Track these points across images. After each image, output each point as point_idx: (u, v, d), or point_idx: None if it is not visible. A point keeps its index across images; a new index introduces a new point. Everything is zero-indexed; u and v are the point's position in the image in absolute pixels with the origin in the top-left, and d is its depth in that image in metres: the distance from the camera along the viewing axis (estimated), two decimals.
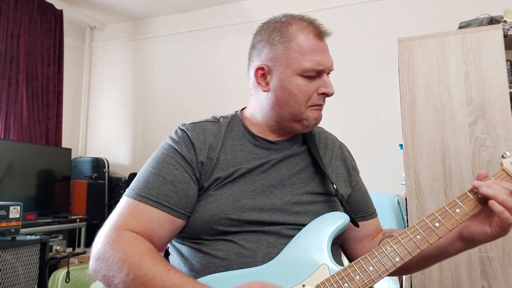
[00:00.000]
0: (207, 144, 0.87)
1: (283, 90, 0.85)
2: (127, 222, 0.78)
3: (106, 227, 0.78)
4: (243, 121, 0.94)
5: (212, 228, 0.81)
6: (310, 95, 0.85)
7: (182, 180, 0.82)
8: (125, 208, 0.80)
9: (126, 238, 0.75)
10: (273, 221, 0.82)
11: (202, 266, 0.80)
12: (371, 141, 2.90)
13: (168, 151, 0.86)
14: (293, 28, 0.85)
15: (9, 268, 1.97)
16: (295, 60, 0.83)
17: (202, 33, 3.66)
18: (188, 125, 0.91)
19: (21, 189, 2.92)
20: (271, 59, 0.86)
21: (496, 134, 1.56)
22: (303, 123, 0.88)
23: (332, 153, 0.98)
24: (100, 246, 0.75)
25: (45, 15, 3.48)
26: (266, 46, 0.87)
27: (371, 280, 0.74)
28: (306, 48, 0.83)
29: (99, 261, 0.74)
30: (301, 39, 0.84)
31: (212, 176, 0.84)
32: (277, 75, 0.85)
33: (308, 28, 0.85)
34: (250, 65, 0.92)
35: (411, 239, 0.76)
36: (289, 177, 0.88)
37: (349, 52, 3.01)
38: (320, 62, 0.84)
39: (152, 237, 0.78)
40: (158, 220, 0.79)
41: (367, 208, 1.01)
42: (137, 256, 0.72)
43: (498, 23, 1.74)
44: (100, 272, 0.74)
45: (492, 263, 1.50)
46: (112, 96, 3.96)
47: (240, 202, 0.82)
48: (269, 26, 0.89)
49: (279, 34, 0.85)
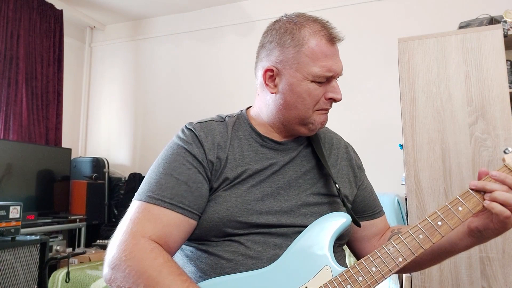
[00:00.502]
0: (216, 143, 0.85)
1: (292, 93, 0.84)
2: (143, 228, 0.74)
3: (120, 234, 0.75)
4: (249, 120, 0.93)
5: (220, 229, 0.80)
6: (318, 100, 0.84)
7: (196, 180, 0.81)
8: (139, 213, 0.76)
9: (143, 248, 0.71)
10: (280, 224, 0.82)
11: (208, 267, 0.80)
12: (371, 141, 2.90)
13: (178, 151, 0.84)
14: (306, 31, 0.83)
15: (8, 268, 1.96)
16: (305, 65, 0.82)
17: (202, 33, 3.66)
18: (195, 125, 0.89)
19: (21, 189, 2.92)
20: (281, 61, 0.84)
21: (496, 134, 1.56)
22: (309, 127, 0.87)
23: (337, 154, 0.97)
24: (115, 255, 0.72)
25: (45, 15, 3.47)
26: (276, 47, 0.85)
27: (374, 281, 0.73)
28: (317, 54, 0.82)
29: (114, 271, 0.71)
30: (313, 44, 0.82)
31: (221, 177, 0.83)
32: (287, 78, 0.84)
33: (321, 32, 0.83)
34: (258, 64, 0.90)
35: (413, 238, 0.76)
36: (296, 179, 0.88)
37: (349, 52, 3.00)
38: (331, 68, 0.83)
39: (168, 241, 0.76)
40: (174, 223, 0.77)
41: (374, 206, 1.00)
42: (156, 270, 0.69)
43: (498, 23, 1.74)
44: (115, 282, 0.71)
45: (492, 263, 1.50)
46: (112, 96, 3.96)
47: (248, 205, 0.81)
48: (281, 26, 0.86)
49: (290, 37, 0.83)
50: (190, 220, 0.79)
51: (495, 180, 0.77)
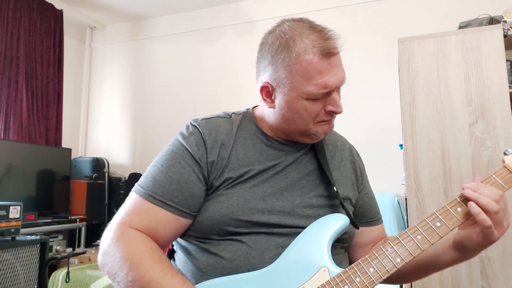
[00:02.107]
0: (219, 142, 0.85)
1: (289, 110, 0.83)
2: (132, 219, 0.79)
3: (113, 223, 0.80)
4: (255, 119, 0.92)
5: (222, 228, 0.80)
6: (317, 113, 0.82)
7: (188, 180, 0.81)
8: (132, 205, 0.81)
9: (129, 236, 0.76)
10: (282, 224, 0.82)
11: (209, 266, 0.80)
12: (371, 141, 2.90)
13: (177, 148, 0.85)
14: (298, 47, 0.77)
15: (9, 268, 1.96)
16: (299, 85, 0.79)
17: (202, 33, 3.66)
18: (200, 121, 0.88)
19: (21, 189, 2.92)
20: (275, 80, 0.82)
21: (496, 134, 1.56)
22: (311, 137, 0.86)
23: (341, 156, 0.97)
24: (106, 242, 0.77)
25: (45, 15, 3.47)
26: (269, 66, 0.82)
27: (372, 281, 0.73)
28: (310, 72, 0.77)
29: (105, 256, 0.77)
30: (306, 62, 0.77)
31: (223, 176, 0.83)
32: (282, 96, 0.82)
33: (315, 48, 0.77)
34: (256, 74, 0.88)
35: (412, 239, 0.75)
36: (299, 180, 0.87)
37: (349, 52, 2.99)
38: (327, 85, 0.78)
39: (155, 236, 0.79)
40: (162, 219, 0.80)
41: (373, 214, 1.00)
42: (137, 257, 0.73)
43: (498, 23, 1.74)
44: (105, 267, 0.77)
45: (492, 263, 1.50)
46: (112, 96, 3.96)
47: (250, 204, 0.81)
48: (273, 41, 0.82)
49: (282, 56, 0.79)
50: (180, 218, 0.81)
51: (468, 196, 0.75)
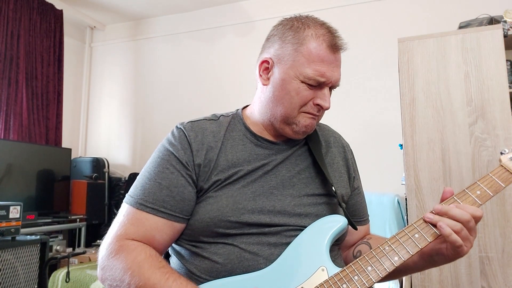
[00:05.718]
0: (205, 144, 0.85)
1: (281, 89, 0.84)
2: (126, 231, 0.79)
3: (108, 237, 0.80)
4: (243, 120, 0.92)
5: (212, 230, 0.80)
6: (305, 102, 0.84)
7: (178, 184, 0.82)
8: (125, 216, 0.81)
9: (127, 247, 0.76)
10: (273, 223, 0.81)
11: (203, 270, 0.80)
12: (371, 141, 2.90)
13: (163, 154, 0.85)
14: (309, 32, 0.83)
15: (9, 268, 1.97)
16: (300, 65, 0.82)
17: (202, 33, 3.66)
18: (186, 124, 0.89)
19: (21, 189, 2.92)
20: (278, 55, 0.85)
21: (496, 134, 1.56)
22: (292, 127, 0.86)
23: (335, 152, 0.97)
24: (104, 257, 0.78)
25: (45, 15, 3.48)
26: (277, 41, 0.86)
27: (370, 280, 0.73)
28: (314, 56, 0.81)
29: (104, 271, 0.77)
30: (312, 45, 0.81)
31: (211, 178, 0.83)
32: (279, 73, 0.84)
33: (323, 36, 0.82)
34: (259, 56, 0.91)
35: (409, 237, 0.76)
36: (290, 178, 0.87)
37: (349, 52, 2.99)
38: (324, 74, 0.82)
39: (153, 244, 0.79)
40: (156, 227, 0.80)
41: (362, 213, 1.01)
42: (137, 266, 0.74)
43: (498, 23, 1.74)
44: (106, 281, 0.77)
45: (491, 263, 1.50)
46: (112, 96, 3.96)
47: (239, 204, 0.81)
48: (287, 22, 0.87)
49: (292, 34, 0.84)
50: (173, 223, 0.81)
51: (436, 213, 0.76)
